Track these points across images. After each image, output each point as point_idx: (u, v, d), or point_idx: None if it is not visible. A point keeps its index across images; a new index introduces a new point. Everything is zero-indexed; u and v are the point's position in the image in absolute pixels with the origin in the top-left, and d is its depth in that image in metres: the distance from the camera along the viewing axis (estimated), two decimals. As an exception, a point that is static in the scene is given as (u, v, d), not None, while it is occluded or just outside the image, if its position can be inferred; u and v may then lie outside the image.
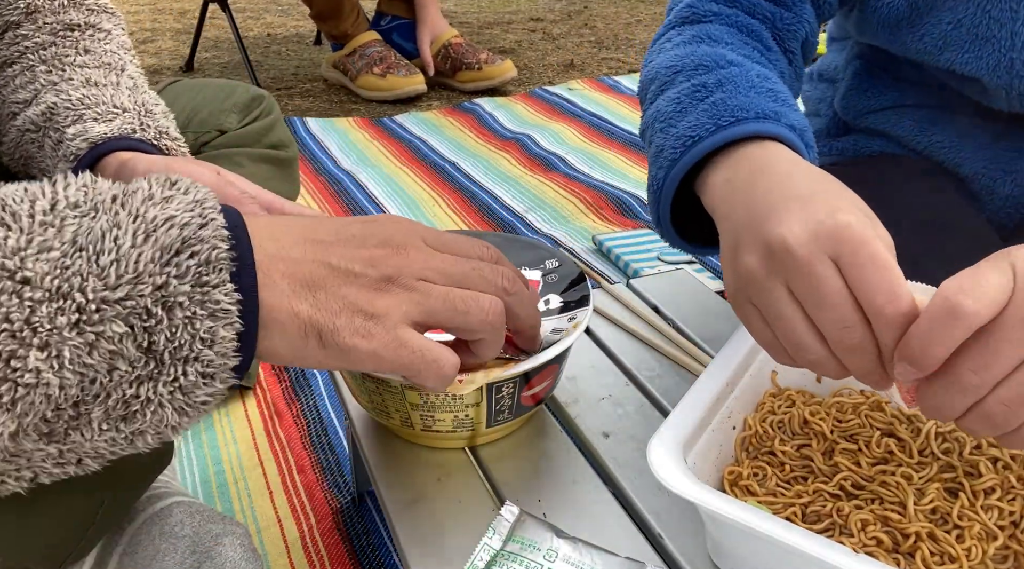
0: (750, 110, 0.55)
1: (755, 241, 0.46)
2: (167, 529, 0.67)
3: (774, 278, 0.44)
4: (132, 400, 0.37)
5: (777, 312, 0.45)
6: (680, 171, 0.57)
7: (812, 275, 0.42)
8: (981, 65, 0.68)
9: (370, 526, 0.81)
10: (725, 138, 0.55)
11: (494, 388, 0.54)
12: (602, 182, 1.58)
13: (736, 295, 0.48)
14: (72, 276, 0.34)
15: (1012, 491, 0.50)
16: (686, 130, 0.57)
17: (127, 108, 0.65)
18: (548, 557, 0.49)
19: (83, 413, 0.36)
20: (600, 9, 3.12)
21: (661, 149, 0.59)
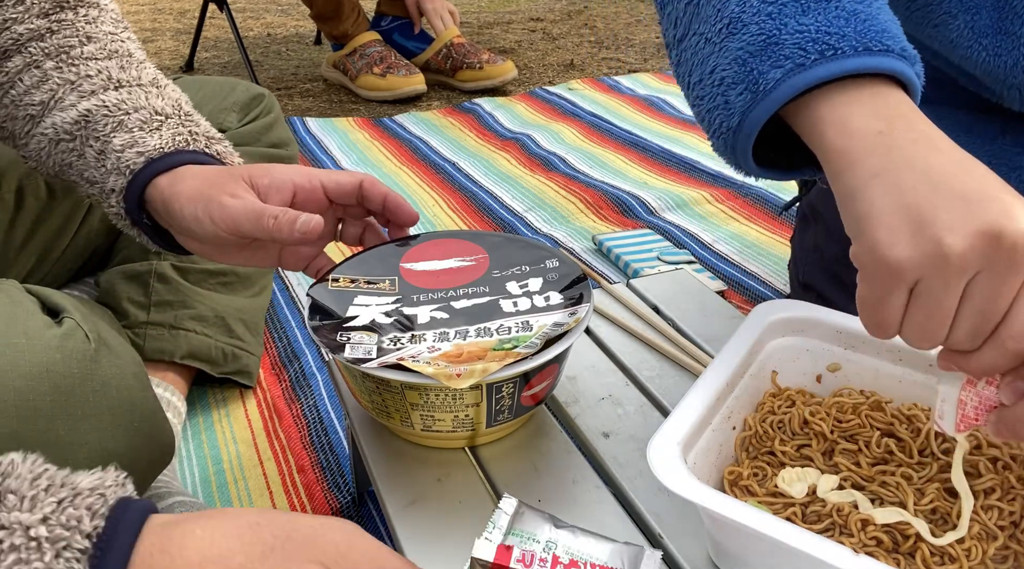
0: (897, 42, 0.48)
1: (968, 222, 0.40)
2: (167, 529, 0.67)
3: (970, 268, 0.40)
4: None
5: (947, 308, 0.41)
6: (808, 80, 0.47)
7: (1011, 286, 0.39)
8: (998, 63, 0.66)
9: (370, 526, 0.80)
10: (873, 67, 0.46)
11: (494, 388, 0.54)
12: (602, 182, 1.58)
13: (900, 268, 0.41)
14: None
15: (1012, 491, 0.50)
16: (818, 31, 0.47)
17: (168, 114, 0.64)
18: (548, 548, 0.49)
19: None
20: (600, 9, 3.12)
21: (774, 40, 0.48)
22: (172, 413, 0.88)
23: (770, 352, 0.60)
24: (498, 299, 0.59)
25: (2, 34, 0.65)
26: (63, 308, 0.59)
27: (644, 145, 1.76)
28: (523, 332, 0.55)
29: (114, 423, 0.57)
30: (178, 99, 0.67)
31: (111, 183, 0.62)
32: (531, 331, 0.55)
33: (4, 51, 0.66)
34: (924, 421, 0.54)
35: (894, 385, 0.59)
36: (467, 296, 0.60)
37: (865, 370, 0.60)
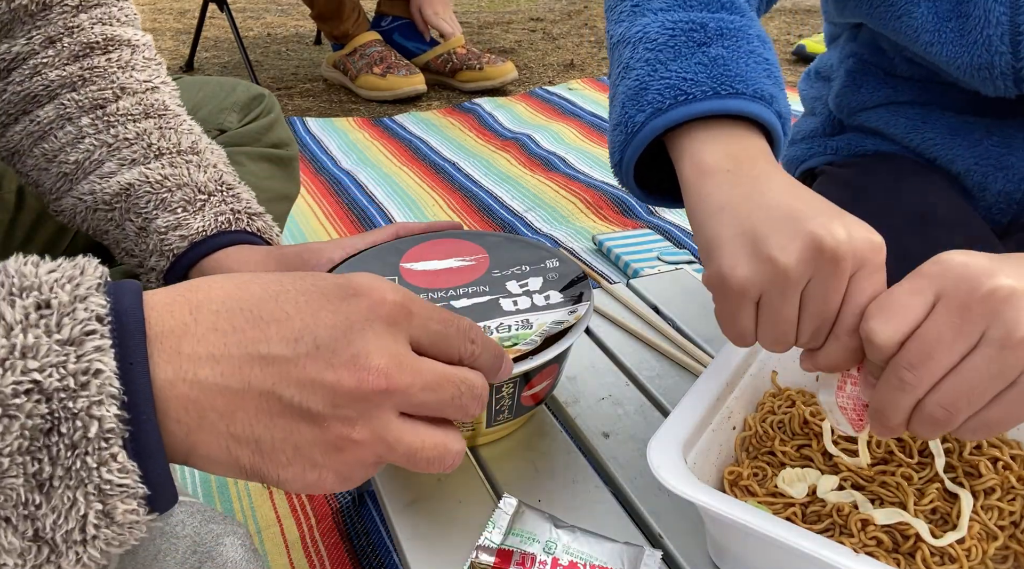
0: (749, 85, 0.53)
1: (794, 238, 0.45)
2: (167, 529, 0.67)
3: (804, 277, 0.45)
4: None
5: (787, 315, 0.46)
6: (664, 122, 0.54)
7: (837, 287, 0.44)
8: (962, 42, 0.68)
9: (370, 526, 0.81)
10: (719, 108, 0.53)
11: (494, 388, 0.54)
12: (602, 182, 1.58)
13: (744, 288, 0.46)
14: None
15: (1012, 491, 0.50)
16: (678, 79, 0.54)
17: (210, 191, 0.63)
18: (548, 549, 0.49)
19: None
20: (600, 9, 3.12)
21: (644, 87, 0.56)
22: (172, 413, 0.88)
23: (770, 352, 0.60)
24: (498, 298, 0.59)
25: (33, 79, 0.63)
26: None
27: (644, 145, 1.77)
28: (523, 330, 0.55)
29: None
30: (217, 166, 0.66)
31: (152, 262, 0.61)
32: (531, 329, 0.55)
33: (35, 97, 0.64)
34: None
35: (894, 385, 0.59)
36: (467, 295, 0.60)
37: (865, 370, 0.60)
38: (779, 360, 0.61)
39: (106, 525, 0.31)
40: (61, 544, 0.31)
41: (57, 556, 0.31)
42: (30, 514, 0.30)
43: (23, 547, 0.30)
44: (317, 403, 0.34)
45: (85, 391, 0.30)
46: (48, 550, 0.31)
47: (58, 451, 0.30)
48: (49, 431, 0.30)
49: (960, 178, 0.76)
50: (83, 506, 0.31)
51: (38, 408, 0.29)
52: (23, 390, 0.29)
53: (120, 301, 0.32)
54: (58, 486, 0.30)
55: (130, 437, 0.31)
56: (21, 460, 0.29)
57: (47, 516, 0.30)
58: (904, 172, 0.77)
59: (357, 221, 1.48)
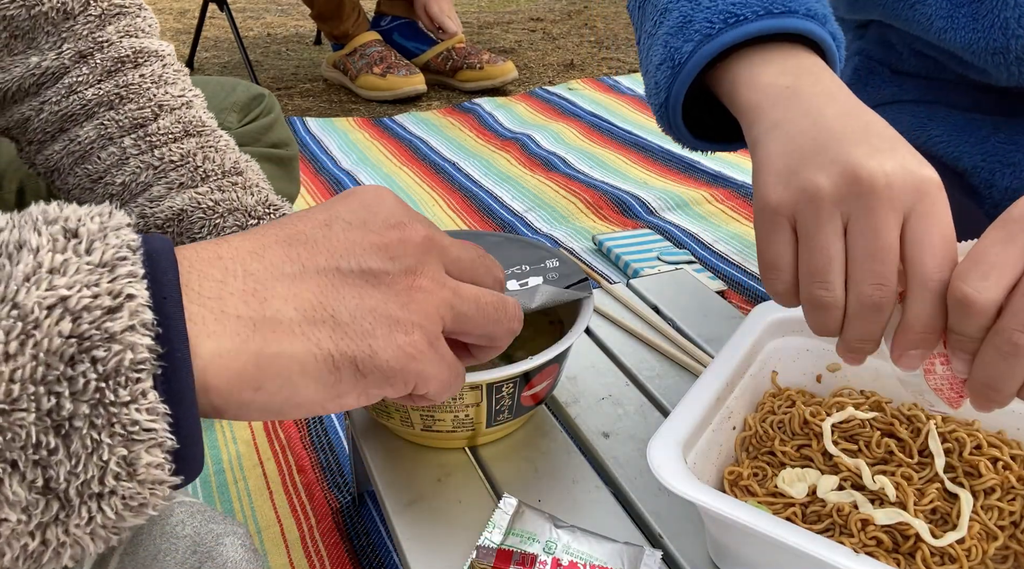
0: (801, 4, 0.51)
1: (834, 162, 0.42)
2: (167, 529, 0.67)
3: (839, 206, 0.41)
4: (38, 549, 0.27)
5: (823, 242, 0.42)
6: (715, 48, 0.51)
7: (884, 220, 0.40)
8: (976, 27, 0.67)
9: (370, 526, 0.81)
10: (773, 27, 0.49)
11: (494, 388, 0.54)
12: (602, 182, 1.58)
13: (777, 208, 0.43)
14: None
15: (1012, 491, 0.50)
16: (727, 4, 0.51)
17: (260, 215, 0.63)
18: (548, 549, 0.49)
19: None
20: (600, 9, 3.12)
21: (688, 19, 0.52)
22: (172, 413, 0.88)
23: (770, 352, 0.60)
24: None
25: (70, 99, 0.63)
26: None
27: (644, 145, 1.77)
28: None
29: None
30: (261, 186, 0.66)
31: None
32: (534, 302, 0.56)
33: (72, 116, 0.63)
34: (924, 421, 0.54)
35: (894, 385, 0.59)
36: None
37: (865, 370, 0.60)
38: (779, 360, 0.61)
39: (127, 477, 0.28)
40: (75, 498, 0.27)
41: (67, 514, 0.27)
42: (42, 460, 0.26)
43: (29, 500, 0.26)
44: (375, 261, 0.34)
45: (117, 315, 0.27)
46: (57, 506, 0.27)
47: (85, 383, 0.26)
48: (73, 359, 0.26)
49: (966, 175, 0.76)
50: (106, 451, 0.27)
51: (62, 327, 0.26)
52: (47, 304, 0.26)
53: (150, 242, 0.30)
54: (80, 426, 0.26)
55: (162, 376, 0.28)
56: (35, 391, 0.26)
57: (62, 463, 0.26)
58: None
59: (357, 221, 1.48)
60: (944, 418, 0.55)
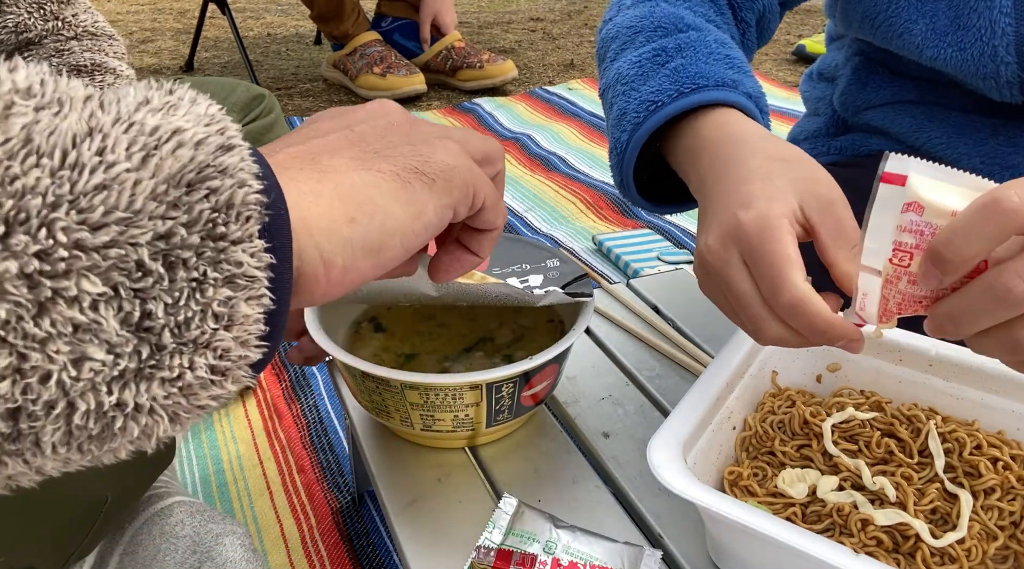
0: (710, 78, 0.58)
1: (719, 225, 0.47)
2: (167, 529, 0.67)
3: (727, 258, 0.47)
4: (112, 411, 0.25)
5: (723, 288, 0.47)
6: (643, 135, 0.59)
7: (726, 277, 0.46)
8: (965, 56, 0.68)
9: (370, 526, 0.81)
10: (685, 105, 0.57)
11: (494, 388, 0.54)
12: (602, 182, 1.58)
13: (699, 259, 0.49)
14: (24, 192, 0.22)
15: (1012, 491, 0.50)
16: (648, 95, 0.60)
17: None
18: (548, 549, 0.49)
19: (25, 432, 0.24)
20: (600, 9, 3.12)
21: (624, 112, 0.61)
22: (172, 413, 0.88)
23: (770, 352, 0.60)
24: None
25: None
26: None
27: (644, 145, 1.77)
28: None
29: (115, 423, 0.57)
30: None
31: None
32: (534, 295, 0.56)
33: None
34: (924, 421, 0.54)
35: (894, 385, 0.59)
36: None
37: (865, 370, 0.60)
38: (779, 360, 0.61)
39: (224, 328, 0.26)
40: (168, 343, 0.25)
41: (156, 364, 0.25)
42: (143, 290, 0.24)
43: (120, 338, 0.24)
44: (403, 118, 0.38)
45: (229, 155, 0.26)
46: (147, 352, 0.25)
47: (199, 212, 0.25)
48: (191, 186, 0.25)
49: None
50: (210, 288, 0.26)
51: (180, 153, 0.25)
52: (166, 129, 0.25)
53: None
54: (188, 256, 0.25)
55: (265, 229, 0.27)
56: (153, 209, 0.24)
57: (163, 297, 0.25)
58: None
59: (357, 221, 1.48)
60: (944, 418, 0.55)
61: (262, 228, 0.27)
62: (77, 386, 0.24)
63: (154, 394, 0.25)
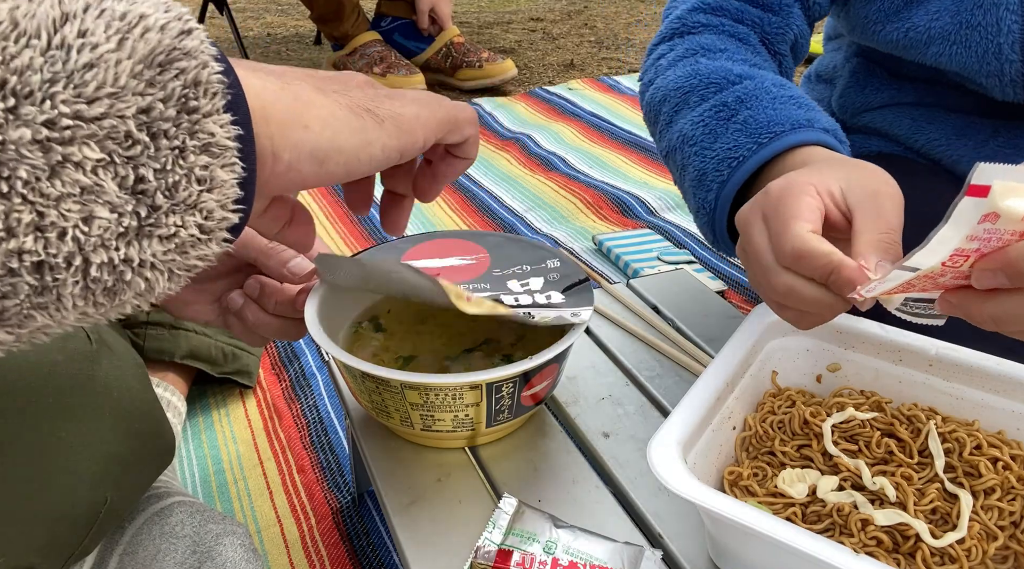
0: (784, 122, 0.58)
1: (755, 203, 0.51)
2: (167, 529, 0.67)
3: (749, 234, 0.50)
4: (122, 266, 0.29)
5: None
6: (731, 190, 0.60)
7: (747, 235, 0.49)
8: (969, 54, 0.69)
9: (370, 526, 0.81)
10: (768, 154, 0.58)
11: (494, 387, 0.54)
12: (602, 182, 1.58)
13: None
14: (27, 73, 0.25)
15: (1012, 491, 0.50)
16: (726, 152, 0.61)
17: None
18: (548, 549, 0.49)
19: (49, 285, 0.27)
20: (600, 9, 3.12)
21: (703, 172, 0.63)
22: (172, 413, 0.88)
23: (770, 352, 0.60)
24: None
25: None
26: (64, 308, 0.58)
27: (644, 145, 1.76)
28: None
29: (115, 424, 0.57)
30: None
31: None
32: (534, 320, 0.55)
33: None
34: (924, 421, 0.54)
35: (894, 385, 0.59)
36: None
37: (865, 370, 0.60)
38: (779, 360, 0.61)
39: (207, 190, 0.30)
40: (162, 202, 0.29)
41: (153, 223, 0.29)
42: (134, 158, 0.28)
43: (119, 200, 0.28)
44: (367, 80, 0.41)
45: (190, 37, 0.29)
46: (146, 210, 0.29)
47: (172, 89, 0.29)
48: (162, 66, 0.28)
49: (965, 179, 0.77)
50: (190, 155, 0.29)
51: (148, 37, 0.28)
52: (134, 16, 0.28)
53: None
54: (167, 128, 0.29)
55: (227, 104, 0.31)
56: (134, 86, 0.28)
57: (151, 163, 0.28)
58: (908, 174, 0.77)
59: (357, 221, 1.48)
60: (944, 418, 0.55)
61: (226, 104, 0.31)
62: (90, 241, 0.28)
63: (154, 250, 0.30)
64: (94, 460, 0.55)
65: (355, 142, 0.37)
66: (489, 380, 0.52)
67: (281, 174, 0.35)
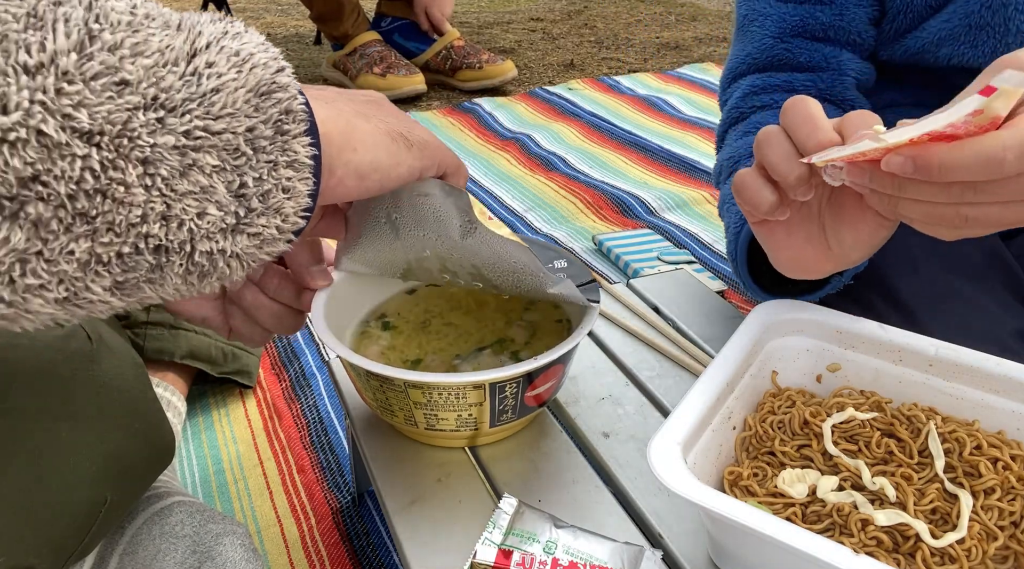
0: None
1: None
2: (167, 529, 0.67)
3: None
4: (217, 255, 0.36)
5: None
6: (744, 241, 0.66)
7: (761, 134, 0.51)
8: (978, 54, 0.69)
9: (370, 526, 0.81)
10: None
11: (497, 387, 0.54)
12: (602, 182, 1.58)
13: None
14: (172, 91, 0.33)
15: (1012, 491, 0.50)
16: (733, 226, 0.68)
17: None
18: (548, 549, 0.49)
19: (162, 264, 0.34)
20: (600, 9, 3.12)
21: (728, 225, 0.71)
22: (172, 413, 0.88)
23: (770, 352, 0.60)
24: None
25: None
26: (64, 308, 0.58)
27: (644, 145, 1.76)
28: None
29: (115, 424, 0.57)
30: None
31: None
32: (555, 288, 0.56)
33: None
34: (924, 422, 0.54)
35: (894, 385, 0.59)
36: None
37: (865, 370, 0.60)
38: (779, 360, 0.61)
39: (288, 197, 0.37)
40: (256, 205, 0.36)
41: (247, 221, 0.36)
42: (239, 167, 0.35)
43: (227, 200, 0.35)
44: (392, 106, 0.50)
45: (283, 74, 0.37)
46: (244, 211, 0.35)
47: (270, 114, 0.36)
48: (264, 94, 0.35)
49: None
50: (280, 168, 0.36)
51: (255, 72, 0.35)
52: (245, 54, 0.35)
53: None
54: (265, 145, 0.35)
55: (307, 129, 0.38)
56: (245, 107, 0.35)
57: (250, 172, 0.35)
58: None
59: (357, 221, 1.48)
60: (944, 418, 0.55)
61: (306, 129, 0.37)
62: (199, 232, 0.34)
63: (243, 245, 0.36)
64: (94, 460, 0.55)
65: (390, 162, 0.44)
66: (492, 380, 0.52)
67: (333, 188, 0.42)
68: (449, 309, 0.66)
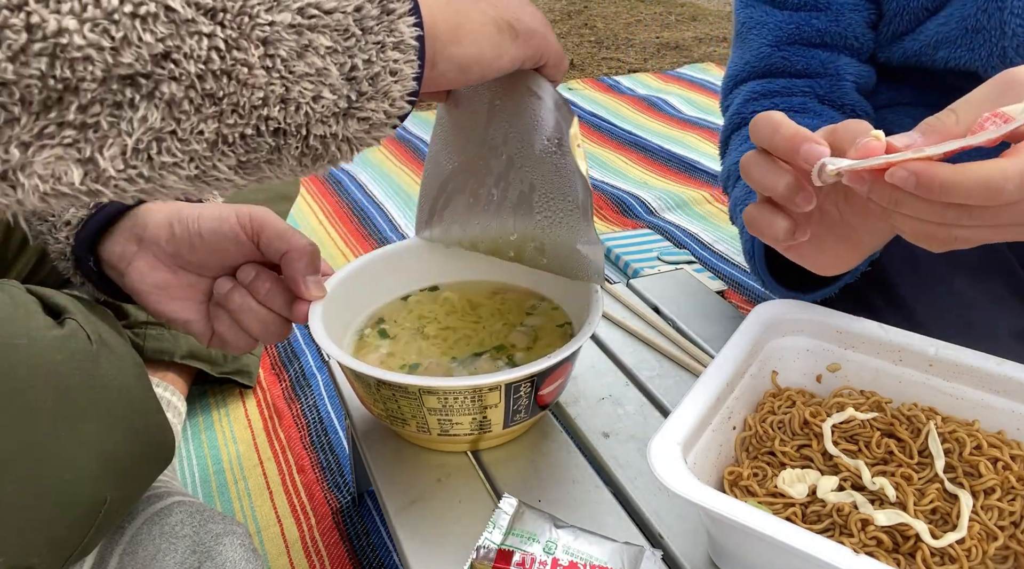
0: None
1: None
2: (167, 529, 0.67)
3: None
4: (330, 138, 0.37)
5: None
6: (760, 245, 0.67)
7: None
8: (974, 57, 0.69)
9: (370, 526, 0.81)
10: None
11: (512, 388, 0.53)
12: (602, 182, 1.58)
13: None
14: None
15: (1012, 491, 0.50)
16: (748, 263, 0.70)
17: None
18: (548, 549, 0.49)
19: (280, 146, 0.36)
20: (600, 9, 3.12)
21: (742, 228, 0.71)
22: (172, 413, 0.88)
23: (770, 352, 0.60)
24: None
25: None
26: (64, 309, 0.58)
27: (644, 145, 1.77)
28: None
29: (115, 424, 0.57)
30: None
31: (68, 215, 0.58)
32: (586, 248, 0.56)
33: None
34: (924, 422, 0.54)
35: (894, 385, 0.59)
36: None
37: (865, 370, 0.60)
38: (779, 360, 0.61)
39: (395, 81, 0.38)
40: (367, 88, 0.37)
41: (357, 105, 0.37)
42: (349, 49, 0.36)
43: (339, 83, 0.36)
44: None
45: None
46: (356, 95, 0.37)
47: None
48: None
49: None
50: (388, 49, 0.37)
51: None
52: None
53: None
54: (372, 25, 0.36)
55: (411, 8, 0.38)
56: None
57: (359, 54, 0.36)
58: None
59: (357, 221, 1.48)
60: (944, 418, 0.55)
61: (410, 9, 0.38)
62: (315, 116, 0.36)
63: (354, 129, 0.38)
64: (94, 460, 0.55)
65: (492, 54, 0.44)
66: (508, 380, 0.52)
67: (434, 79, 0.42)
68: (445, 314, 0.66)
